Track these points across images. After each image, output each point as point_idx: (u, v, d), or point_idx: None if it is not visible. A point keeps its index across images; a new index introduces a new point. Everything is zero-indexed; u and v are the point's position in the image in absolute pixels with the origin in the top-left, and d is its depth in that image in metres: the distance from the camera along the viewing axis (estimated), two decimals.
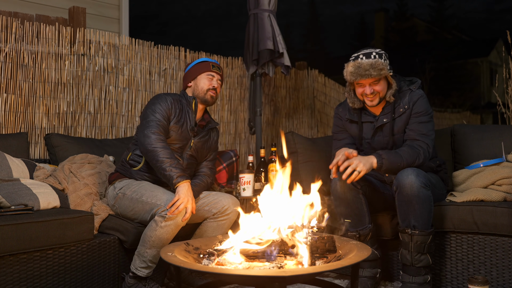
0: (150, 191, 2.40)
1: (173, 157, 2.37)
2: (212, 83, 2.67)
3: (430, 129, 2.51)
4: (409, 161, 2.39)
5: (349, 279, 2.56)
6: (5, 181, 2.45)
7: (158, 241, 2.28)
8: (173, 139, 2.55)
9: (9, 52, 3.10)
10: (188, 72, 2.74)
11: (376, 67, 2.41)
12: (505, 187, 2.55)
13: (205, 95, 2.65)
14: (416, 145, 2.46)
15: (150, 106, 2.53)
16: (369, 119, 2.61)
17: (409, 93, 2.54)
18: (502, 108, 4.00)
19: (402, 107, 2.53)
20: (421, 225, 2.31)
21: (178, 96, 2.66)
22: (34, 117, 3.21)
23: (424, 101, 2.52)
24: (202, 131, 2.68)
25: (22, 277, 2.11)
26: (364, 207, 2.44)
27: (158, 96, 2.59)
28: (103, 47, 3.57)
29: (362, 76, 2.44)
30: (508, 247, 2.37)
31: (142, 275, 2.33)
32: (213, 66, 2.71)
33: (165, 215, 2.25)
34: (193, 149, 2.62)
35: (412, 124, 2.51)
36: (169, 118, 2.54)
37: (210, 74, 2.68)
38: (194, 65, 2.74)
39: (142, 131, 2.45)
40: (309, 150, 3.10)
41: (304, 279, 2.00)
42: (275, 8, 3.81)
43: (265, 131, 4.69)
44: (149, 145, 2.37)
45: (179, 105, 2.60)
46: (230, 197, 2.56)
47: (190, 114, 2.62)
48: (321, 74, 5.53)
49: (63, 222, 2.22)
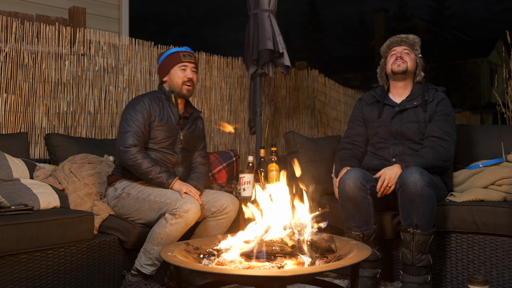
0: (158, 190, 2.43)
1: (155, 164, 2.44)
2: (186, 75, 2.60)
3: (454, 130, 2.61)
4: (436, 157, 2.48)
5: (349, 279, 2.55)
6: (5, 181, 2.45)
7: (166, 238, 2.30)
8: (161, 138, 2.54)
9: (9, 52, 3.10)
10: (161, 66, 2.67)
11: (411, 39, 2.74)
12: (505, 187, 2.55)
13: (181, 89, 2.61)
14: (438, 145, 2.52)
15: (125, 116, 2.51)
16: (391, 103, 2.73)
17: (434, 91, 2.71)
18: (502, 108, 4.00)
19: (426, 97, 2.66)
20: (423, 224, 2.31)
21: (156, 93, 2.63)
22: (34, 117, 3.21)
23: (449, 103, 2.70)
24: (188, 122, 2.67)
25: (22, 277, 2.11)
26: (371, 208, 2.44)
27: (134, 102, 2.55)
28: (103, 47, 3.57)
29: (397, 43, 2.75)
30: (508, 247, 2.37)
31: (146, 272, 2.34)
32: (184, 56, 2.62)
33: (176, 212, 2.28)
34: (184, 142, 2.62)
35: (438, 121, 2.60)
36: (150, 120, 2.52)
37: (183, 66, 2.61)
38: (165, 58, 2.66)
39: (119, 146, 2.46)
40: (310, 150, 3.10)
41: (304, 279, 2.00)
42: (275, 8, 3.81)
43: (265, 131, 4.69)
44: (129, 160, 2.43)
45: (158, 103, 2.57)
46: (229, 196, 2.56)
47: (172, 108, 2.61)
48: (321, 74, 5.54)
49: (63, 222, 2.22)
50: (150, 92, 2.67)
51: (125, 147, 2.44)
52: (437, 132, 2.56)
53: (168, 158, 2.57)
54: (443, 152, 2.50)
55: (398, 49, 2.72)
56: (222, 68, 4.39)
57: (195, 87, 2.68)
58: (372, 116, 2.76)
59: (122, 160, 2.47)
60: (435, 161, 2.47)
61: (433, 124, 2.60)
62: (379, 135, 2.70)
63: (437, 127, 2.58)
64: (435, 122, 2.60)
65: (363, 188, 2.41)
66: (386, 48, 2.79)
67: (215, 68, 4.34)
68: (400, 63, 2.68)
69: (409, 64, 2.69)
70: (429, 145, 2.54)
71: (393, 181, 2.41)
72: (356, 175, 2.42)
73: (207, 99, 4.27)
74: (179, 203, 2.30)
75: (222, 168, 3.25)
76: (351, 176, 2.42)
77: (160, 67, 2.69)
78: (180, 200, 2.32)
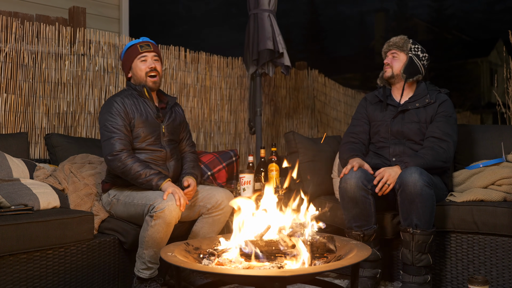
0: (141, 193, 2.39)
1: (144, 167, 2.37)
2: (147, 65, 2.51)
3: (455, 131, 2.61)
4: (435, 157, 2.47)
5: (349, 279, 2.55)
6: (5, 181, 2.45)
7: (151, 241, 2.27)
8: (144, 135, 2.47)
9: (9, 52, 3.10)
10: (123, 62, 2.60)
11: (398, 41, 2.76)
12: (505, 187, 2.55)
13: (146, 82, 2.51)
14: (437, 146, 2.52)
15: (103, 123, 2.43)
16: (394, 103, 2.74)
17: (437, 92, 2.70)
18: (502, 108, 4.00)
19: (428, 99, 2.66)
20: (423, 224, 2.31)
21: (126, 91, 2.54)
22: (34, 117, 3.21)
23: (451, 104, 2.69)
24: (167, 112, 2.60)
25: (22, 277, 2.11)
26: (371, 208, 2.44)
27: (107, 106, 2.46)
28: (103, 47, 3.57)
29: (387, 48, 2.80)
30: (508, 247, 2.37)
31: (144, 276, 2.32)
32: (141, 47, 2.52)
33: (153, 213, 2.23)
34: (168, 133, 2.56)
35: (439, 122, 2.60)
36: (129, 119, 2.45)
37: (142, 57, 2.52)
38: (125, 54, 2.58)
39: (106, 155, 2.39)
40: (310, 150, 3.10)
41: (304, 279, 2.00)
42: (275, 8, 3.81)
43: (265, 131, 4.70)
44: (119, 168, 2.37)
45: (131, 100, 2.49)
46: (224, 191, 2.54)
47: (148, 102, 2.53)
48: (321, 74, 5.54)
49: (63, 222, 2.22)
50: (120, 92, 2.57)
51: (113, 154, 2.37)
52: (437, 133, 2.56)
53: (157, 155, 2.50)
54: (442, 153, 2.50)
55: (388, 55, 2.79)
56: (222, 68, 4.39)
57: (161, 76, 2.58)
58: (375, 115, 2.77)
59: (112, 168, 2.40)
60: (434, 161, 2.47)
61: (434, 125, 2.60)
62: (380, 134, 2.71)
63: (437, 128, 2.58)
64: (436, 123, 2.60)
65: (364, 188, 2.41)
66: (383, 52, 2.85)
67: (215, 68, 4.34)
68: (387, 69, 2.75)
69: (394, 69, 2.72)
70: (428, 146, 2.54)
71: (393, 180, 2.40)
72: (357, 174, 2.42)
73: (207, 99, 4.28)
74: (156, 203, 2.25)
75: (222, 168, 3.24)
76: (353, 176, 2.42)
77: (122, 64, 2.61)
78: (157, 199, 2.26)
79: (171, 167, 2.55)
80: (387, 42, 2.84)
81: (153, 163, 2.49)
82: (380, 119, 2.73)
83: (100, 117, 2.48)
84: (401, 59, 2.72)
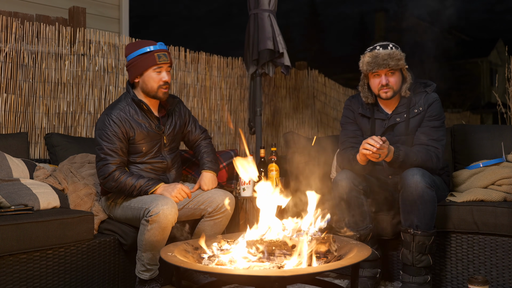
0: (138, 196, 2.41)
1: (137, 178, 2.38)
2: (162, 78, 2.41)
3: (441, 135, 2.49)
4: (424, 159, 2.39)
5: (349, 279, 2.55)
6: (5, 181, 2.45)
7: (148, 244, 2.29)
8: (146, 150, 2.47)
9: (9, 52, 3.10)
10: (133, 65, 2.43)
11: (394, 57, 2.42)
12: (505, 187, 2.55)
13: (156, 93, 2.44)
14: (429, 151, 2.43)
15: (99, 145, 2.39)
16: (381, 116, 2.58)
17: (424, 95, 2.53)
18: (502, 108, 4.00)
19: (417, 108, 2.51)
20: (423, 225, 2.31)
21: (125, 100, 2.46)
22: (34, 117, 3.21)
23: (439, 106, 2.52)
24: (167, 120, 2.55)
25: (22, 277, 2.11)
26: (365, 207, 2.44)
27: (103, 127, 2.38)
28: (103, 47, 3.57)
29: (379, 66, 2.42)
30: (508, 247, 2.37)
31: (145, 278, 2.35)
32: (159, 57, 2.39)
33: (149, 217, 2.24)
34: (168, 142, 2.55)
35: (424, 127, 2.49)
36: (128, 136, 2.42)
37: (158, 68, 2.41)
38: (138, 56, 2.41)
39: (99, 176, 2.39)
40: (310, 150, 3.10)
41: (304, 279, 2.00)
42: (275, 8, 3.81)
43: (265, 131, 4.69)
44: (113, 188, 2.39)
45: (129, 112, 2.42)
46: (225, 193, 2.54)
47: (146, 113, 2.48)
48: (321, 74, 5.53)
49: (63, 222, 2.22)
50: (118, 101, 2.48)
51: (105, 177, 2.37)
52: (423, 140, 2.47)
53: (157, 166, 2.53)
54: (433, 156, 2.42)
55: (381, 73, 2.45)
56: (222, 68, 4.39)
57: (170, 87, 2.54)
58: (362, 124, 2.64)
59: (108, 189, 2.42)
60: (423, 163, 2.39)
61: (420, 132, 2.49)
62: None
63: (423, 134, 2.47)
64: (422, 129, 2.49)
65: (356, 188, 2.41)
66: (368, 67, 2.46)
67: (215, 68, 4.34)
68: (386, 90, 2.46)
69: (395, 88, 2.47)
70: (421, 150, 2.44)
71: (384, 152, 2.28)
72: (347, 175, 2.43)
73: (207, 99, 4.27)
74: (151, 207, 2.25)
75: (222, 167, 3.24)
76: (343, 177, 2.42)
77: (131, 66, 2.44)
78: (152, 203, 2.26)
79: (171, 176, 2.58)
80: (377, 54, 2.42)
81: (153, 173, 2.52)
82: (369, 132, 2.60)
83: (96, 134, 2.42)
84: (397, 75, 2.49)
